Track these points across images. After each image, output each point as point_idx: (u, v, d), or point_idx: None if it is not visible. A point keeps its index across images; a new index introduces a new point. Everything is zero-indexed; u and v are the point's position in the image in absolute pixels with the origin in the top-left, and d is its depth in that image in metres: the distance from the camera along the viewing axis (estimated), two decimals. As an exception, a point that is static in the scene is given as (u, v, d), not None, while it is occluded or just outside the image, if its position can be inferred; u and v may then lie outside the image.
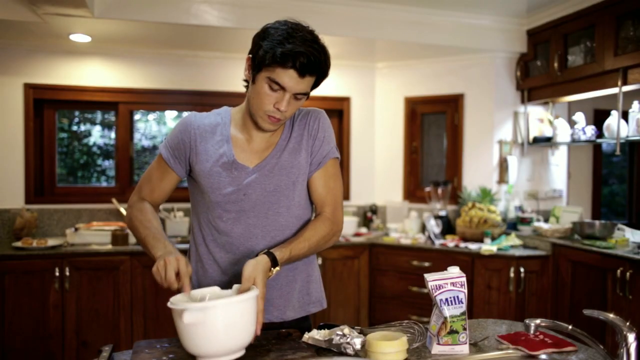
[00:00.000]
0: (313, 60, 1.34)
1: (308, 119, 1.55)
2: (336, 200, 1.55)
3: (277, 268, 1.35)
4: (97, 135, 4.19)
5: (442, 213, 3.96)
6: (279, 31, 1.36)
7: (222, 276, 1.51)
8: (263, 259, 1.32)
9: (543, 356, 1.26)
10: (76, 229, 3.49)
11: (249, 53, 1.42)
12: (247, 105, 1.49)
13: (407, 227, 4.03)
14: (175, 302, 1.18)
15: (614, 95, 3.23)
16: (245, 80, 1.48)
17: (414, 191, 4.36)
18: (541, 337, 1.35)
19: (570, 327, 1.13)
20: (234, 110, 1.57)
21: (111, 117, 4.13)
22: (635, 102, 3.20)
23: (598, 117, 4.28)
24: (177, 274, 1.27)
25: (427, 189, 4.11)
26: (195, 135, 1.50)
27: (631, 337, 1.07)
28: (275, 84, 1.36)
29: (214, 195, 1.47)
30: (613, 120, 3.29)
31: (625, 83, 3.12)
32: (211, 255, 1.52)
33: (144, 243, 1.43)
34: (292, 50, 1.32)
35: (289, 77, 1.35)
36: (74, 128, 4.14)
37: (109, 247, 3.37)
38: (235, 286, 1.31)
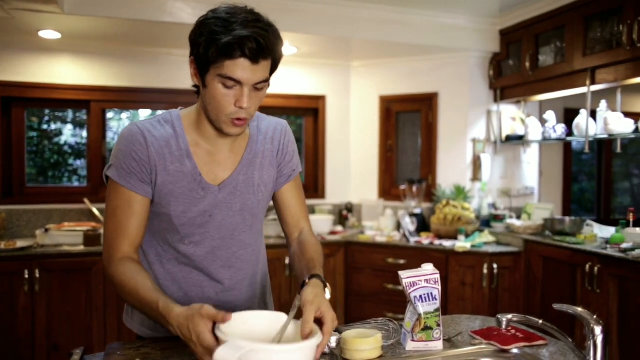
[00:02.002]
0: (263, 42, 1.16)
1: (275, 132, 1.45)
2: (307, 213, 1.54)
3: (329, 289, 1.24)
4: (69, 134, 4.11)
5: (417, 211, 4.00)
6: (215, 21, 1.17)
7: (184, 297, 1.39)
8: (318, 284, 1.19)
9: (515, 350, 1.29)
10: (47, 230, 3.42)
11: (190, 55, 1.24)
12: (202, 110, 1.30)
13: (382, 225, 4.06)
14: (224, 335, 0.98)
15: (583, 95, 3.31)
16: (195, 86, 1.32)
17: (389, 189, 4.39)
18: (513, 331, 1.38)
19: (540, 321, 1.15)
20: (184, 115, 1.36)
21: (83, 115, 4.05)
22: (603, 102, 3.28)
23: (568, 116, 4.37)
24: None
25: (402, 187, 4.14)
26: (151, 153, 1.28)
27: (598, 330, 1.10)
28: (229, 79, 1.18)
29: (177, 219, 1.32)
30: (582, 119, 3.37)
31: (593, 83, 3.20)
32: (170, 275, 1.39)
33: (142, 310, 1.21)
34: (236, 37, 1.14)
35: (241, 69, 1.17)
36: (44, 127, 4.05)
37: (81, 248, 3.31)
38: (286, 316, 1.12)
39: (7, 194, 3.73)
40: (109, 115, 4.13)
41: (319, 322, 1.11)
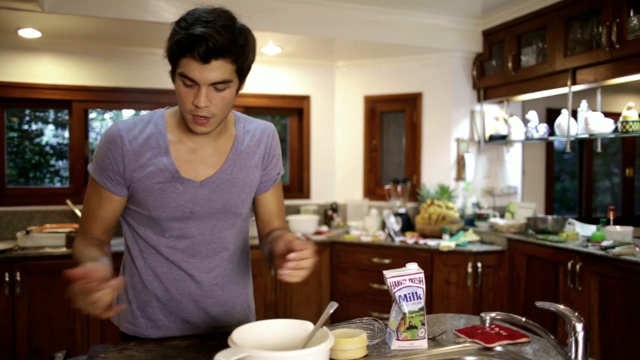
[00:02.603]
0: (214, 43, 1.17)
1: (262, 135, 1.46)
2: (284, 214, 1.57)
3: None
4: (50, 135, 4.05)
5: (402, 210, 4.02)
6: (179, 21, 1.23)
7: (164, 292, 1.41)
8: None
9: (498, 348, 1.30)
10: (28, 232, 3.36)
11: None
12: None
13: (367, 224, 4.07)
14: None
15: (565, 95, 3.35)
16: None
17: (374, 189, 4.40)
18: (497, 329, 1.39)
19: (523, 319, 1.16)
20: (168, 113, 1.40)
21: (64, 115, 3.99)
22: (584, 102, 3.33)
23: (550, 116, 4.43)
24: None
25: (387, 186, 4.16)
26: (126, 152, 1.32)
27: (579, 327, 1.12)
28: (186, 78, 1.22)
29: (156, 212, 1.34)
30: (563, 119, 3.42)
31: (574, 83, 3.24)
32: (151, 270, 1.41)
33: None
34: (186, 38, 1.18)
35: (192, 68, 1.20)
36: (25, 127, 3.98)
37: (64, 249, 3.26)
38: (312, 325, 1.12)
39: (-13, 196, 3.67)
40: (92, 115, 4.08)
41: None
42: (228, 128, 1.44)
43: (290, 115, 4.48)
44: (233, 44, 1.21)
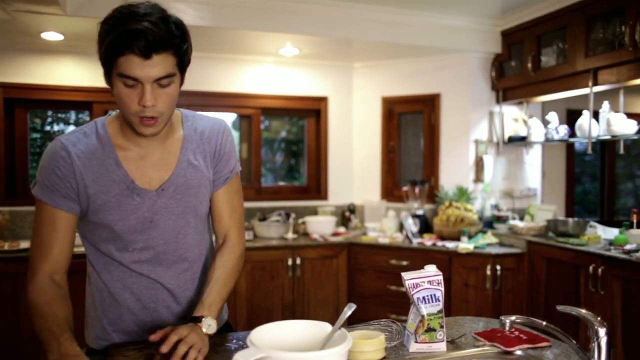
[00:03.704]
0: (153, 36, 1.12)
1: (212, 132, 1.41)
2: (240, 219, 1.48)
3: (203, 324, 1.24)
4: (71, 136, 4.11)
5: (420, 212, 3.99)
6: (108, 19, 1.17)
7: (137, 302, 1.37)
8: (192, 326, 1.21)
9: (518, 352, 1.28)
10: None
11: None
12: None
13: (385, 226, 4.05)
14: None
15: (586, 96, 3.30)
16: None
17: (391, 190, 4.38)
18: (516, 333, 1.38)
19: (544, 323, 1.15)
20: (109, 121, 1.33)
21: (85, 117, 4.05)
22: (605, 102, 3.28)
23: (570, 117, 4.36)
24: None
25: (405, 188, 4.14)
26: (76, 167, 1.25)
27: (602, 332, 1.10)
28: (127, 78, 1.16)
29: (117, 227, 1.29)
30: (585, 120, 3.37)
31: (595, 83, 3.19)
32: (120, 282, 1.36)
33: (39, 338, 1.18)
34: (122, 34, 1.12)
35: (133, 66, 1.14)
36: (47, 128, 4.06)
37: (82, 249, 3.30)
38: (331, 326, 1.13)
39: (10, 195, 3.74)
40: (107, 117, 4.13)
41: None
42: (175, 128, 1.38)
43: (308, 116, 4.49)
44: (172, 36, 1.17)
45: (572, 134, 3.59)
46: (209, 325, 1.24)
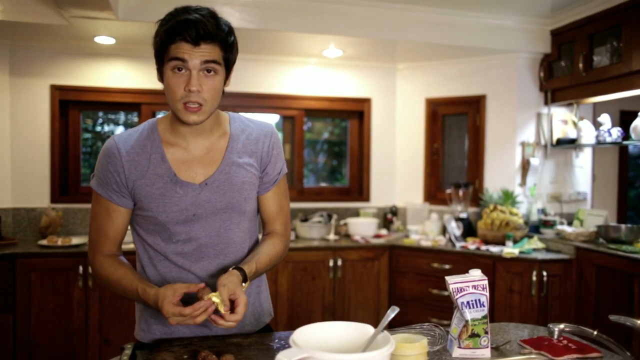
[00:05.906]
0: (203, 28, 1.26)
1: (260, 135, 1.47)
2: (287, 217, 1.55)
3: (247, 283, 1.33)
4: (121, 136, 4.25)
5: (463, 215, 3.92)
6: (164, 18, 1.33)
7: None
8: (235, 273, 1.30)
9: (567, 362, 1.24)
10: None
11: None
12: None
13: (427, 229, 4.01)
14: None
15: (641, 97, 3.17)
16: None
17: (434, 193, 4.32)
18: (565, 342, 1.33)
19: (595, 332, 1.11)
20: (160, 120, 1.45)
21: (134, 117, 4.18)
22: (663, 104, 3.13)
23: (624, 119, 4.20)
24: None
25: (448, 190, 4.07)
26: (125, 163, 1.37)
27: (658, 344, 1.05)
28: (175, 60, 1.28)
29: (161, 217, 1.37)
30: (640, 122, 3.23)
31: (652, 84, 3.06)
32: (160, 276, 1.42)
33: (128, 297, 1.38)
34: (175, 24, 1.27)
35: (183, 50, 1.27)
36: (98, 129, 4.21)
37: (132, 245, 3.41)
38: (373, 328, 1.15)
39: (64, 193, 3.90)
40: (159, 116, 4.25)
41: (232, 304, 1.25)
42: (222, 126, 1.45)
43: (351, 117, 4.49)
44: (220, 29, 1.30)
45: (626, 136, 3.44)
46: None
